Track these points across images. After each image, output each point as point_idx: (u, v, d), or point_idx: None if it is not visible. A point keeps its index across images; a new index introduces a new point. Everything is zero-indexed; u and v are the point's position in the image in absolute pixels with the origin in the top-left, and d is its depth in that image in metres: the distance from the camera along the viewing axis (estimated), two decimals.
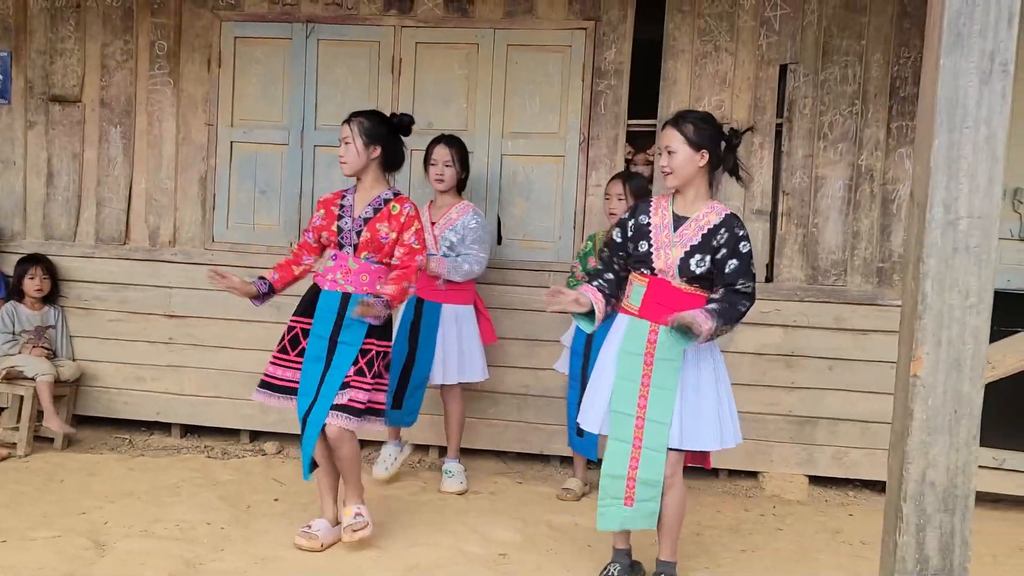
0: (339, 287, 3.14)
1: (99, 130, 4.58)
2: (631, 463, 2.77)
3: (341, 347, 3.09)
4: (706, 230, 2.78)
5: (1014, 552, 3.49)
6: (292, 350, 3.14)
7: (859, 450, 4.11)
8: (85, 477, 3.86)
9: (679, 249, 2.78)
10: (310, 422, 3.06)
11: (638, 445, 2.77)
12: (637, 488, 2.77)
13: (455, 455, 4.00)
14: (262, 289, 3.21)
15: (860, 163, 4.11)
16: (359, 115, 3.19)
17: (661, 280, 2.81)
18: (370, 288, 3.13)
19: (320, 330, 3.11)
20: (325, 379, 3.08)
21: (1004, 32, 2.06)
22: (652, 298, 2.81)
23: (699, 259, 2.76)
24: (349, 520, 3.14)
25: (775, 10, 4.12)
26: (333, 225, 3.17)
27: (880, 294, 4.08)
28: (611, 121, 4.25)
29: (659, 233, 2.82)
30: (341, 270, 3.15)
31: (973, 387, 2.09)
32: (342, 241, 3.16)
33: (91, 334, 4.58)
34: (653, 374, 2.78)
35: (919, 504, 2.10)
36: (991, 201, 2.08)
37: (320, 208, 3.25)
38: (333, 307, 3.12)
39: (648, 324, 2.81)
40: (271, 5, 4.43)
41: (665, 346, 2.77)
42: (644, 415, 2.77)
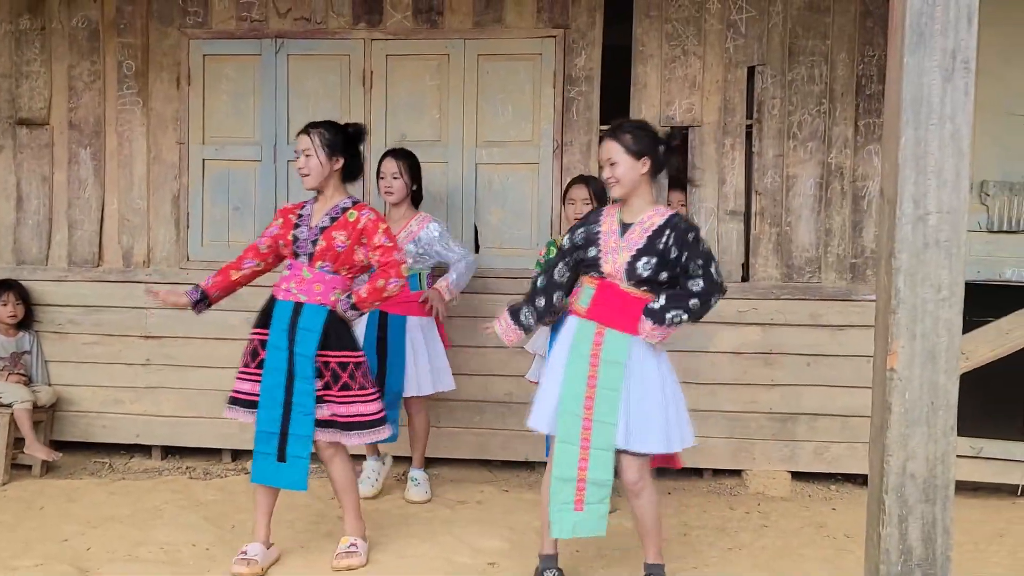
0: (292, 296, 3.09)
1: (68, 152, 4.54)
2: (580, 464, 2.77)
3: (298, 358, 3.04)
4: (650, 232, 2.81)
5: (994, 539, 3.54)
6: (252, 362, 3.10)
7: (840, 444, 4.16)
8: (65, 503, 3.81)
9: (626, 253, 2.81)
10: (294, 434, 3.01)
11: (586, 446, 2.76)
12: (587, 489, 2.77)
13: (421, 464, 4.01)
14: (194, 297, 3.18)
15: (830, 161, 4.17)
16: (318, 126, 3.15)
17: (610, 283, 2.84)
18: (323, 298, 3.08)
19: (276, 341, 3.06)
20: (294, 390, 3.02)
21: (964, 30, 2.10)
22: (600, 300, 2.85)
23: (645, 262, 2.78)
24: (343, 547, 3.11)
25: (741, 13, 4.17)
26: (289, 234, 3.13)
27: (854, 290, 4.14)
28: (583, 127, 4.28)
29: (607, 239, 2.86)
30: (295, 279, 3.10)
31: (948, 378, 2.12)
32: (297, 250, 3.11)
33: (66, 358, 4.53)
34: (599, 375, 2.79)
35: (901, 496, 2.13)
36: (959, 195, 2.13)
37: (279, 216, 3.22)
38: (286, 317, 3.06)
39: (595, 325, 2.83)
40: (239, 22, 4.42)
41: (610, 348, 2.80)
42: (591, 416, 2.77)
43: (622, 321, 2.81)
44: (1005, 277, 4.07)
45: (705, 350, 4.18)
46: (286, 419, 3.02)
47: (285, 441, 3.02)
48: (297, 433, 3.02)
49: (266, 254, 3.22)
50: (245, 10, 4.41)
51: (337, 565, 3.08)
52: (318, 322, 3.05)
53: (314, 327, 3.04)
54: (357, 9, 4.36)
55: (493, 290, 4.25)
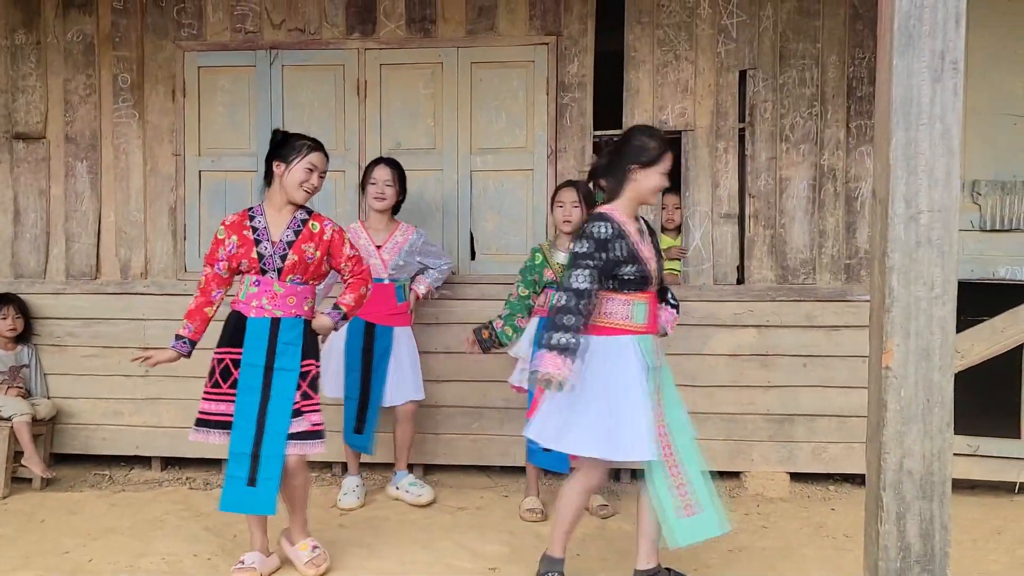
0: (267, 313, 3.02)
1: (65, 165, 4.55)
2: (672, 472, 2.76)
3: (279, 374, 3.00)
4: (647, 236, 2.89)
5: (992, 536, 3.56)
6: (224, 383, 3.03)
7: (837, 445, 4.18)
8: (66, 516, 3.81)
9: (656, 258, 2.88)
10: (266, 455, 2.96)
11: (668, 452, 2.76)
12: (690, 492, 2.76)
13: (403, 467, 4.06)
14: (184, 350, 3.12)
15: (823, 163, 4.20)
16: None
17: (652, 293, 2.87)
18: (298, 310, 3.06)
19: (252, 359, 3.00)
20: (268, 409, 2.98)
21: (952, 32, 2.14)
22: (653, 312, 2.87)
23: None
24: (308, 555, 3.10)
25: (731, 17, 4.21)
26: (253, 251, 3.03)
27: (849, 290, 4.17)
28: (577, 133, 4.30)
29: (642, 250, 2.79)
30: (267, 295, 3.03)
31: (943, 376, 2.15)
32: (264, 267, 3.03)
33: (65, 371, 4.53)
34: (662, 384, 2.84)
35: (898, 493, 2.15)
36: (950, 194, 2.15)
37: (231, 234, 3.06)
38: (263, 334, 3.02)
39: (651, 338, 2.85)
40: (233, 33, 4.44)
41: (654, 353, 2.84)
42: (663, 422, 2.79)
43: (656, 325, 2.91)
44: (999, 276, 4.10)
45: (702, 353, 4.21)
46: (259, 440, 2.96)
47: (256, 463, 2.96)
48: (269, 453, 2.96)
49: (227, 279, 3.14)
50: (239, 22, 4.43)
51: (314, 574, 3.08)
52: (298, 334, 3.05)
53: (295, 340, 3.03)
54: (351, 19, 4.39)
55: (489, 296, 4.27)
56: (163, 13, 4.47)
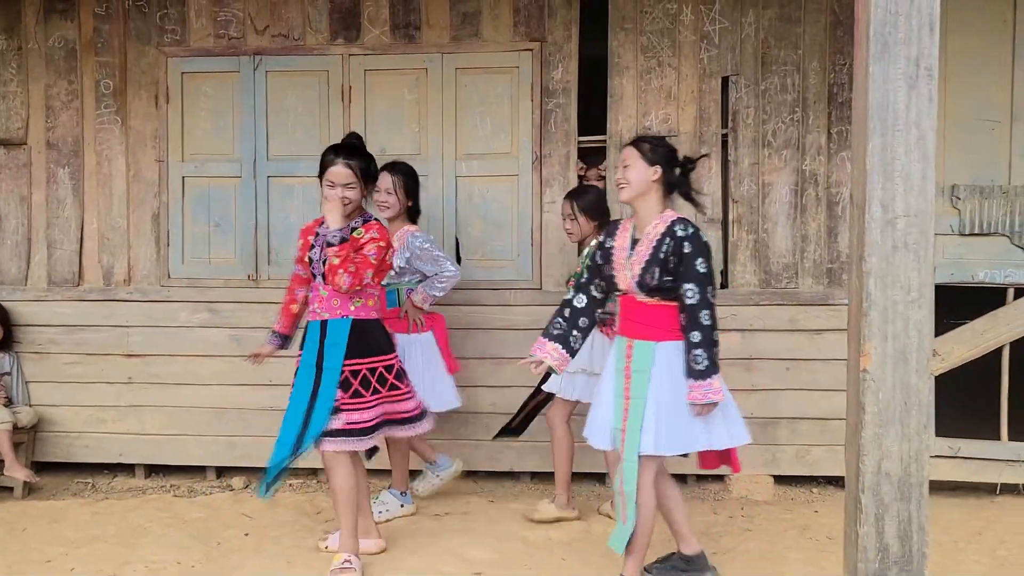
0: (317, 316, 3.19)
1: (47, 172, 4.53)
2: (619, 477, 2.86)
3: (326, 373, 3.13)
4: (655, 242, 2.87)
5: (973, 537, 3.60)
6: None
7: (820, 447, 4.21)
8: (49, 524, 3.78)
9: (636, 267, 2.87)
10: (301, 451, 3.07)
11: (622, 458, 2.85)
12: (626, 502, 2.83)
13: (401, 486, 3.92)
14: (276, 344, 3.38)
15: (804, 168, 4.24)
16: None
17: (628, 297, 2.93)
18: (343, 311, 3.16)
19: (307, 360, 3.17)
20: (314, 407, 3.09)
21: (927, 39, 2.17)
22: (625, 315, 2.95)
23: (652, 272, 2.83)
24: (337, 564, 3.10)
25: (714, 24, 4.24)
26: (306, 256, 3.23)
27: (831, 294, 4.20)
28: (562, 139, 4.32)
29: (619, 255, 2.93)
30: (317, 299, 3.20)
31: (920, 378, 2.17)
32: (314, 271, 3.20)
33: (47, 378, 4.50)
34: (631, 387, 2.86)
35: (877, 494, 2.17)
36: (926, 199, 2.18)
37: (300, 238, 3.29)
38: (315, 336, 3.17)
39: (626, 340, 2.91)
40: (217, 39, 4.44)
41: (638, 358, 2.87)
42: (625, 427, 2.84)
43: (645, 331, 2.89)
44: (978, 279, 4.14)
45: None
46: (301, 436, 3.07)
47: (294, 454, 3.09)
48: (303, 449, 3.08)
49: (306, 279, 3.30)
50: (223, 28, 4.43)
51: None
52: (343, 335, 3.13)
53: (340, 340, 3.13)
54: (335, 25, 4.39)
55: (475, 301, 4.28)
56: (146, 19, 4.46)
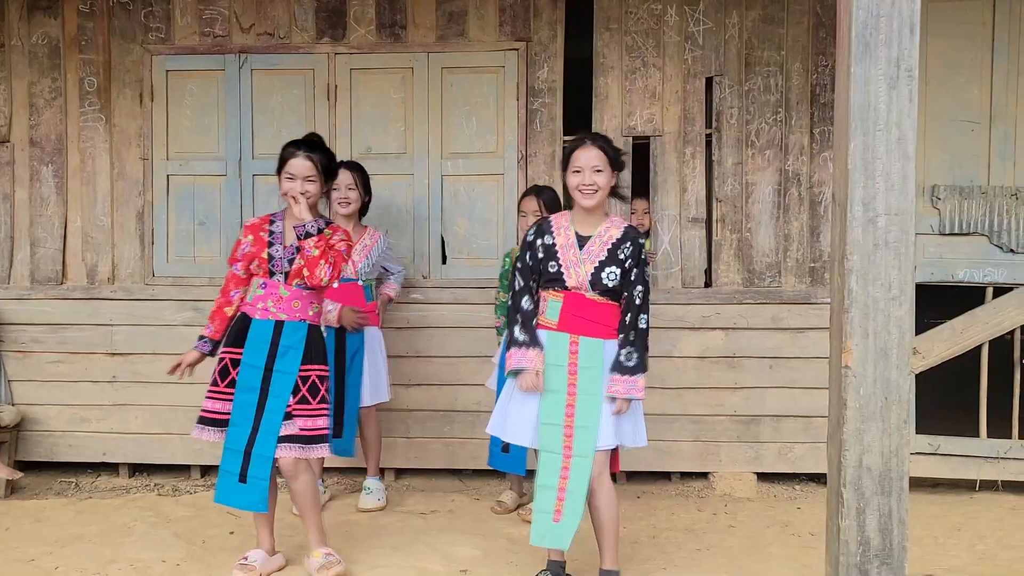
0: (271, 315, 3.08)
1: (30, 169, 4.50)
2: (562, 472, 2.83)
3: (278, 375, 3.05)
4: (610, 244, 2.90)
5: (952, 532, 3.65)
6: (222, 381, 3.09)
7: (803, 445, 4.25)
8: (32, 523, 3.76)
9: (588, 265, 2.89)
10: (257, 454, 3.01)
11: (568, 454, 2.84)
12: (566, 500, 2.82)
13: (375, 473, 4.05)
14: (205, 350, 3.18)
15: (787, 168, 4.28)
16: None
17: (575, 294, 2.91)
18: (302, 314, 3.11)
19: (252, 360, 3.06)
20: (265, 409, 3.03)
21: (907, 40, 2.20)
22: (569, 311, 2.91)
23: (609, 272, 2.87)
24: (320, 560, 3.10)
25: (698, 25, 4.28)
26: (264, 252, 3.11)
27: (813, 293, 4.25)
28: (547, 138, 4.34)
29: (566, 252, 2.92)
30: (272, 298, 3.10)
31: (900, 374, 2.21)
32: (272, 269, 3.10)
33: (30, 377, 4.47)
34: (578, 383, 2.87)
35: (858, 488, 2.21)
36: (906, 198, 2.22)
37: (248, 234, 3.16)
38: (266, 336, 3.07)
39: (568, 336, 2.90)
40: (202, 37, 4.43)
41: (586, 354, 2.88)
42: (572, 423, 2.84)
43: (593, 328, 2.90)
44: (958, 278, 4.20)
45: (670, 355, 4.26)
46: (252, 439, 3.03)
47: (248, 461, 3.02)
48: (260, 453, 3.02)
49: (245, 279, 3.21)
50: (208, 26, 4.42)
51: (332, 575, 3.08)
52: (300, 338, 3.09)
53: (297, 344, 3.08)
54: (321, 24, 4.39)
55: (461, 300, 4.30)
56: (130, 16, 4.44)
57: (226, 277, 3.21)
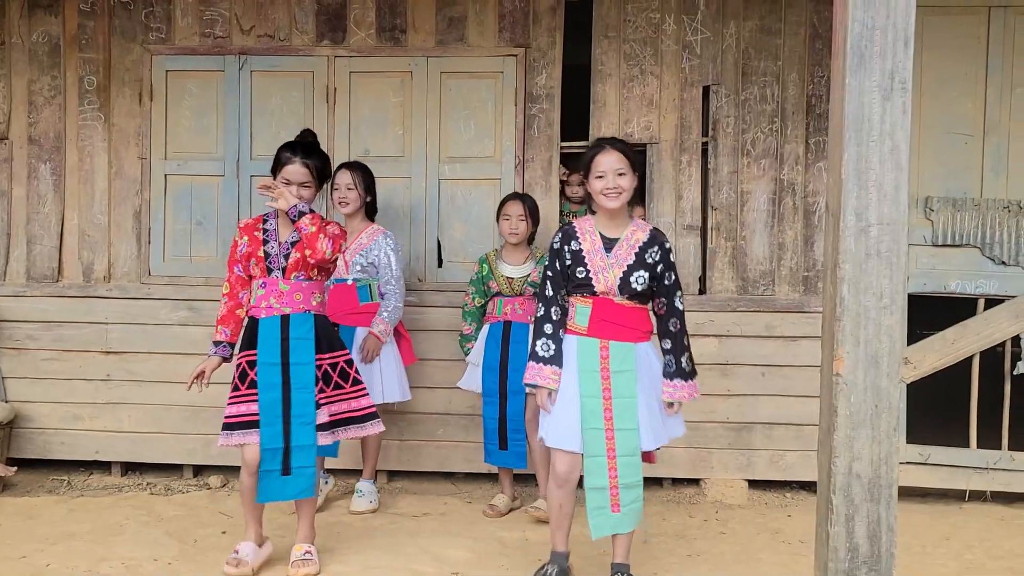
0: (276, 311, 3.14)
1: (28, 167, 4.51)
2: (610, 473, 2.88)
3: (295, 368, 3.11)
4: (638, 247, 2.94)
5: (941, 542, 3.67)
6: (243, 385, 3.13)
7: (794, 453, 4.27)
8: (23, 521, 3.76)
9: (617, 270, 2.92)
10: (296, 446, 3.08)
11: (612, 455, 2.88)
12: (620, 494, 2.88)
13: (370, 476, 4.06)
14: (226, 354, 3.20)
15: (782, 177, 4.31)
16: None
17: (604, 299, 2.95)
18: (306, 305, 3.16)
19: (267, 357, 3.12)
20: (291, 402, 3.10)
21: (901, 53, 2.22)
22: (598, 316, 2.95)
23: (637, 276, 2.91)
24: (299, 555, 3.15)
25: (696, 34, 4.31)
26: (260, 250, 3.16)
27: (806, 301, 4.27)
28: (545, 144, 4.37)
29: (593, 257, 2.95)
30: (274, 295, 3.14)
31: (891, 382, 2.23)
32: (270, 266, 3.15)
33: (24, 374, 4.47)
34: (612, 387, 2.90)
35: (847, 495, 2.22)
36: (898, 208, 2.24)
37: (243, 235, 3.21)
38: (275, 332, 3.13)
39: (598, 341, 2.94)
40: (202, 38, 4.44)
41: (617, 359, 2.91)
42: (612, 426, 2.89)
43: (623, 332, 2.94)
44: (950, 289, 4.23)
45: None
46: (287, 433, 3.09)
47: (288, 455, 3.09)
48: (300, 444, 3.10)
49: (248, 280, 3.24)
50: (208, 27, 4.44)
51: (296, 574, 3.11)
52: (309, 328, 3.14)
53: (307, 334, 3.13)
54: (321, 26, 4.41)
55: (457, 304, 4.30)
56: (131, 16, 4.46)
57: (229, 281, 3.23)
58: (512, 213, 3.88)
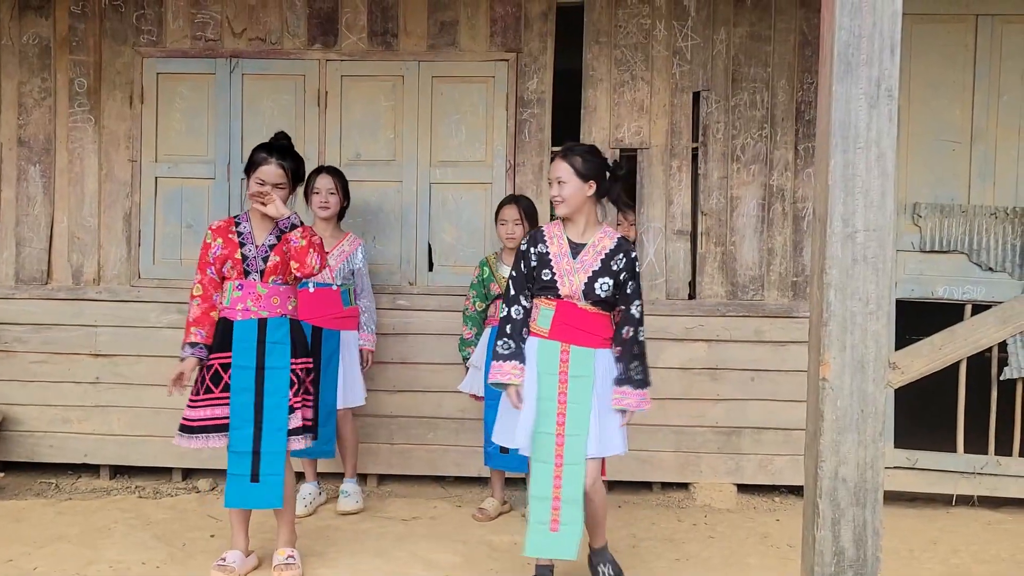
0: (252, 314, 3.12)
1: (17, 169, 4.49)
2: (555, 482, 2.87)
3: (271, 372, 3.10)
4: (604, 254, 2.96)
5: (928, 546, 3.69)
6: (216, 387, 3.11)
7: (783, 457, 4.29)
8: (11, 524, 3.74)
9: (582, 275, 2.94)
10: (267, 451, 3.06)
11: (559, 463, 2.87)
12: (562, 509, 2.85)
13: (352, 475, 4.07)
14: (203, 355, 3.13)
15: (772, 183, 4.33)
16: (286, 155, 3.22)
17: (568, 303, 2.96)
18: (282, 309, 3.16)
19: (243, 361, 3.10)
20: (264, 406, 3.08)
21: (888, 61, 2.25)
22: (561, 320, 2.96)
23: (602, 283, 2.93)
24: (281, 560, 3.15)
25: (686, 40, 4.33)
26: (237, 253, 3.13)
27: (795, 307, 4.29)
28: (535, 148, 4.38)
29: (559, 261, 2.97)
30: (251, 297, 3.13)
31: (876, 387, 2.25)
32: (248, 268, 3.14)
33: (12, 377, 4.45)
34: (569, 391, 2.91)
35: (833, 499, 2.24)
36: (884, 214, 2.26)
37: (217, 237, 3.16)
38: (251, 335, 3.11)
39: (559, 344, 2.95)
40: (193, 41, 4.44)
41: (576, 363, 2.92)
42: (563, 431, 2.89)
43: (584, 337, 2.95)
44: (937, 295, 4.26)
45: (654, 366, 4.21)
46: (257, 437, 3.07)
47: (258, 460, 3.07)
48: (270, 450, 3.08)
49: (219, 283, 3.20)
50: (200, 29, 4.44)
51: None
52: (285, 333, 3.14)
53: (283, 339, 3.13)
54: (312, 30, 4.42)
55: (447, 307, 4.31)
56: (122, 19, 4.45)
57: (202, 283, 3.16)
58: (508, 217, 3.90)
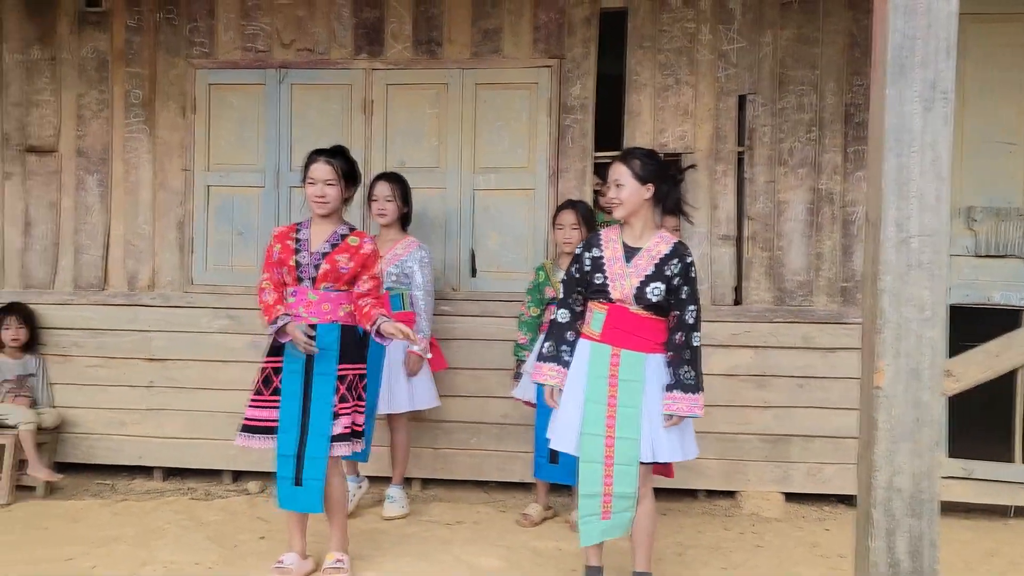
0: (303, 320, 3.17)
1: (76, 178, 4.63)
2: (605, 480, 2.89)
3: (318, 378, 3.15)
4: (658, 259, 2.94)
5: (985, 558, 3.60)
6: (266, 390, 3.18)
7: (832, 465, 4.22)
8: (69, 523, 3.85)
9: (634, 279, 2.92)
10: (309, 456, 3.10)
11: (609, 463, 2.89)
12: (613, 502, 2.89)
13: (399, 481, 4.09)
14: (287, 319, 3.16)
15: (820, 187, 4.27)
16: (336, 155, 3.26)
17: (619, 307, 2.95)
18: (333, 316, 3.18)
19: (293, 366, 3.16)
20: (310, 412, 3.13)
21: (943, 62, 2.20)
22: (612, 324, 2.95)
23: (654, 287, 2.91)
24: (330, 563, 3.20)
25: (731, 44, 4.30)
26: (292, 259, 3.20)
27: (845, 312, 4.22)
28: (578, 154, 4.38)
29: (612, 265, 2.96)
30: (303, 304, 3.19)
31: (932, 395, 2.20)
32: (301, 275, 3.20)
33: (70, 381, 4.59)
34: (618, 395, 2.91)
35: (888, 510, 2.20)
36: (940, 219, 2.21)
37: (277, 242, 3.25)
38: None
39: (610, 348, 2.94)
40: (244, 52, 4.53)
41: (627, 368, 2.92)
42: (613, 434, 2.89)
43: (635, 342, 2.94)
44: (993, 301, 4.16)
45: None
46: (302, 442, 3.13)
47: (301, 464, 3.12)
48: (312, 455, 3.12)
49: (283, 283, 3.26)
50: (250, 41, 4.53)
51: None
52: (335, 339, 3.17)
53: (332, 345, 3.17)
54: (359, 40, 4.48)
55: (490, 313, 4.33)
56: (176, 32, 4.56)
57: (269, 279, 3.23)
58: (565, 222, 3.89)
